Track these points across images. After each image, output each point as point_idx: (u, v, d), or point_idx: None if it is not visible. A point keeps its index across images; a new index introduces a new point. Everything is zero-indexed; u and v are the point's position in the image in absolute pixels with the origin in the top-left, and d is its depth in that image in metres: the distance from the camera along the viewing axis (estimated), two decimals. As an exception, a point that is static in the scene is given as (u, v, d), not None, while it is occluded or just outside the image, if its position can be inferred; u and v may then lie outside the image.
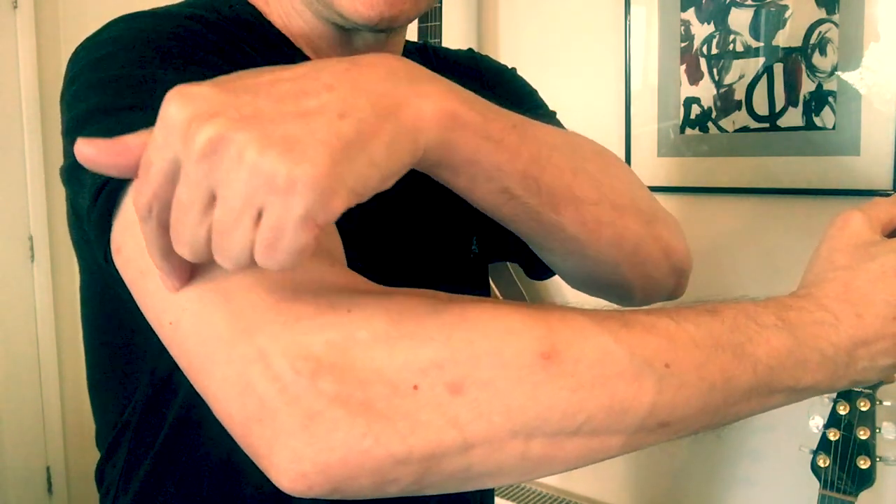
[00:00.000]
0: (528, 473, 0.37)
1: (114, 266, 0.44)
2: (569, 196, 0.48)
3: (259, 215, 0.31)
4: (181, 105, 0.32)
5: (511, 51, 1.74)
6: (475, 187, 0.43)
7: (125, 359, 0.46)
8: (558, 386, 0.35)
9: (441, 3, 1.60)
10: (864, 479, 1.05)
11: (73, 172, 0.47)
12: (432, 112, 0.36)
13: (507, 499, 1.61)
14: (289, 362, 0.35)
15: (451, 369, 0.35)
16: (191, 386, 0.39)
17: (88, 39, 0.51)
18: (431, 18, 1.60)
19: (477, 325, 0.36)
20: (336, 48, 0.61)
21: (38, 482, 2.27)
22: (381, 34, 0.60)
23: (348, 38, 0.60)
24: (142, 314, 0.42)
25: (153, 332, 0.41)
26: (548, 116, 0.80)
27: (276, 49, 0.57)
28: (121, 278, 0.43)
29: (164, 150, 0.33)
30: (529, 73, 1.78)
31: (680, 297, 0.66)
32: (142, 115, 0.44)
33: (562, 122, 0.80)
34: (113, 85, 0.47)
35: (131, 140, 0.35)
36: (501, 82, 0.78)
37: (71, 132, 0.47)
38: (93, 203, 0.45)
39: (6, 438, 2.18)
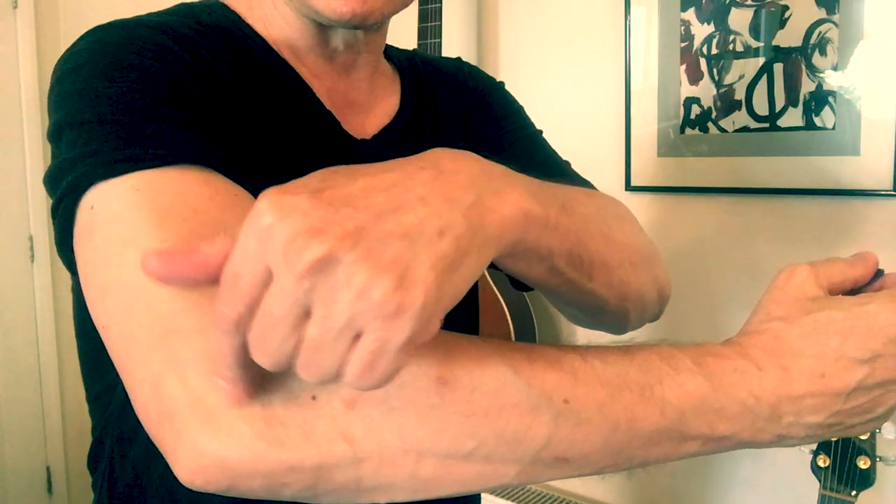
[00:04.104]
0: (421, 492, 0.38)
1: (76, 273, 0.47)
2: (600, 263, 0.50)
3: (357, 336, 0.31)
4: (279, 217, 0.31)
5: (511, 51, 1.75)
6: (529, 268, 0.44)
7: (104, 358, 0.47)
8: (451, 410, 0.36)
9: (441, 3, 1.60)
10: (864, 479, 1.05)
11: (51, 181, 0.49)
12: (511, 215, 0.38)
13: (507, 499, 1.61)
14: (197, 366, 0.37)
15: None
16: None
17: (66, 50, 0.53)
18: (431, 18, 1.59)
19: None
20: (315, 48, 0.62)
21: (38, 482, 2.27)
22: (358, 32, 0.62)
23: (326, 37, 0.62)
24: None
25: None
26: (534, 136, 0.80)
27: (254, 55, 0.59)
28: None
29: (256, 261, 0.31)
30: (529, 74, 1.78)
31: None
32: (99, 129, 0.47)
33: (547, 140, 0.80)
34: (74, 99, 0.49)
35: (211, 251, 0.33)
36: (489, 97, 0.78)
37: (51, 142, 0.51)
38: (54, 215, 0.48)
39: (6, 438, 2.18)
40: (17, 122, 2.17)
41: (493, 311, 1.57)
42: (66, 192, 0.46)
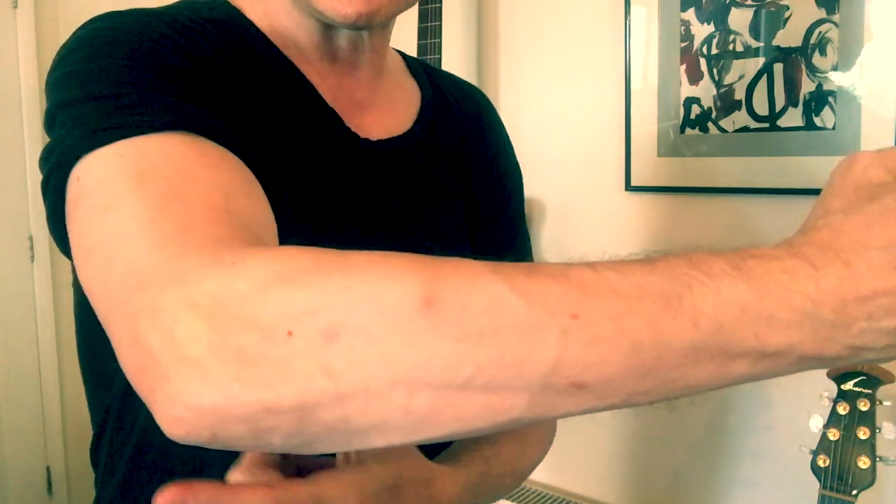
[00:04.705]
0: (419, 430, 0.34)
1: (67, 250, 0.47)
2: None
3: None
4: None
5: (511, 51, 1.75)
6: None
7: (101, 350, 0.48)
8: (440, 334, 0.33)
9: (441, 2, 1.60)
10: (864, 479, 1.05)
11: (42, 161, 0.49)
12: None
13: (506, 498, 1.61)
14: (171, 313, 0.35)
15: (326, 315, 0.33)
16: None
17: (65, 41, 0.54)
18: (431, 18, 1.59)
19: (356, 270, 0.35)
20: (319, 47, 0.62)
21: (38, 482, 2.27)
22: (362, 31, 0.61)
23: (330, 36, 0.61)
24: None
25: None
26: (520, 215, 0.79)
27: (254, 50, 0.59)
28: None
29: None
30: (529, 74, 1.78)
31: None
32: (87, 104, 0.47)
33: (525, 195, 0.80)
34: (65, 82, 0.50)
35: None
36: (505, 153, 0.78)
37: (46, 130, 0.51)
38: (44, 191, 0.49)
39: (6, 438, 2.18)
40: (17, 122, 2.17)
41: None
42: (53, 167, 0.47)
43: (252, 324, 0.34)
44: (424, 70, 0.74)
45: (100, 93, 0.47)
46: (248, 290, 0.35)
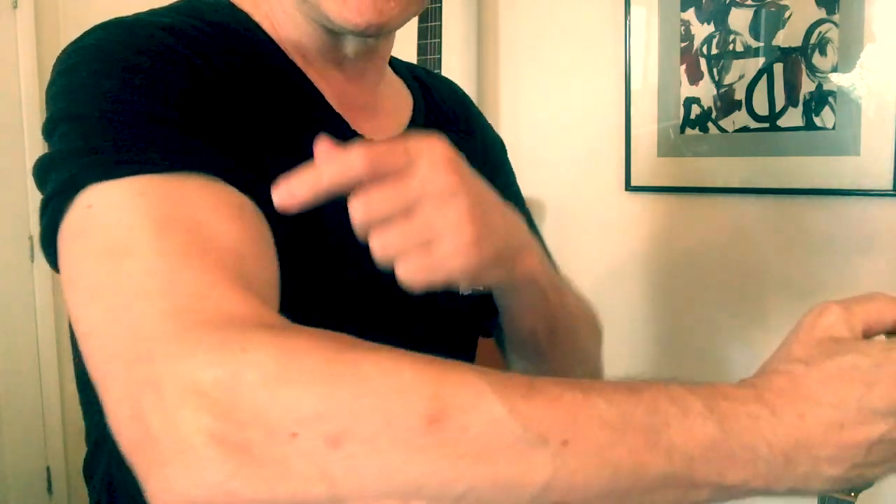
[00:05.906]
0: None
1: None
2: (559, 338, 0.65)
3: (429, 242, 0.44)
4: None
5: (510, 51, 1.74)
6: (521, 313, 0.62)
7: None
8: (441, 453, 0.34)
9: (441, 3, 1.60)
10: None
11: (40, 172, 0.48)
12: (531, 262, 0.56)
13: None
14: (177, 395, 0.35)
15: (333, 421, 0.34)
16: None
17: (69, 45, 0.52)
18: (431, 18, 1.60)
19: (368, 378, 0.36)
20: (326, 53, 0.61)
21: (38, 482, 2.27)
22: (369, 39, 0.61)
23: (337, 43, 0.61)
24: None
25: None
26: (518, 198, 0.80)
27: (260, 55, 0.58)
28: None
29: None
30: (529, 74, 1.78)
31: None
32: (99, 125, 0.46)
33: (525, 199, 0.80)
34: (75, 93, 0.49)
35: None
36: (493, 152, 0.78)
37: (44, 136, 0.50)
38: (43, 209, 0.47)
39: (6, 438, 2.18)
40: (17, 122, 2.17)
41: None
42: (60, 187, 0.45)
43: (257, 419, 0.34)
44: (406, 67, 0.74)
45: (114, 116, 0.46)
46: (257, 383, 0.35)
